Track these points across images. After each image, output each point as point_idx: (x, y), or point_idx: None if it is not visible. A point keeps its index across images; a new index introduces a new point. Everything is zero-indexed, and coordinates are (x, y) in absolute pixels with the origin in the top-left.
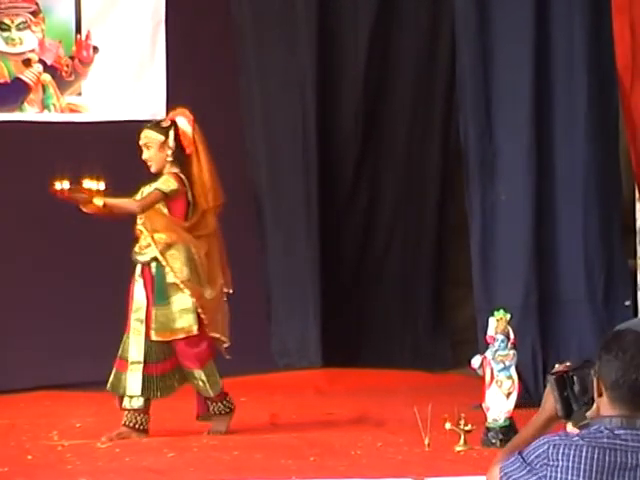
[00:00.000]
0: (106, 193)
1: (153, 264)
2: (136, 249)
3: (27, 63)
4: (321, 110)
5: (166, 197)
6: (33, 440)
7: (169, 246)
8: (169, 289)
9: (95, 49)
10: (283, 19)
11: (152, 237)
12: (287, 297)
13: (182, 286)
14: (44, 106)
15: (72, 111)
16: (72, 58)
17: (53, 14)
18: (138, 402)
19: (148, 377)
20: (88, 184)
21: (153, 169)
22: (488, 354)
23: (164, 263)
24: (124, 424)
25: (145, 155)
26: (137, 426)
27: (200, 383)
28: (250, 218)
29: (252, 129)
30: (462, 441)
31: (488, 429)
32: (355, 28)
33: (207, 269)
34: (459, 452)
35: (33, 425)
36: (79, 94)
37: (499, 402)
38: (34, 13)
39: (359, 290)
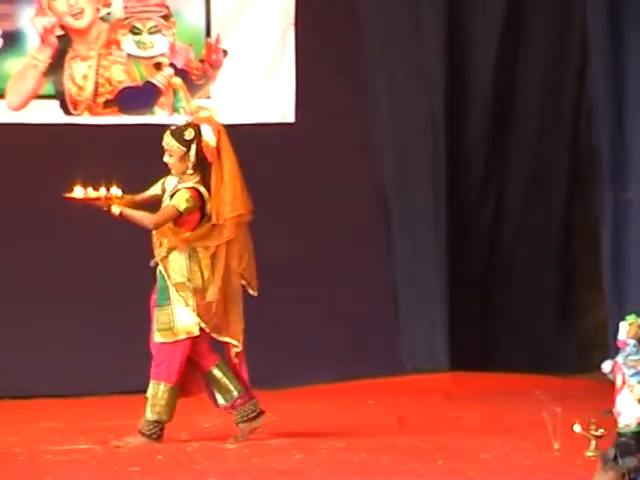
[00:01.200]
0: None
1: (159, 267)
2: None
3: (158, 67)
4: (449, 110)
5: (182, 214)
6: (164, 440)
7: (171, 250)
8: (169, 291)
9: (225, 52)
10: (411, 18)
11: (159, 241)
12: (414, 299)
13: (178, 289)
14: (174, 109)
15: None
16: (202, 61)
17: (184, 18)
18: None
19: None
20: (104, 192)
21: (174, 174)
22: (619, 359)
23: (162, 269)
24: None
25: (166, 159)
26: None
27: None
28: (378, 219)
29: (380, 129)
30: (593, 446)
31: (620, 435)
32: (484, 27)
33: (212, 274)
34: (590, 457)
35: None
36: (208, 97)
37: (631, 407)
38: (165, 17)
39: (486, 292)
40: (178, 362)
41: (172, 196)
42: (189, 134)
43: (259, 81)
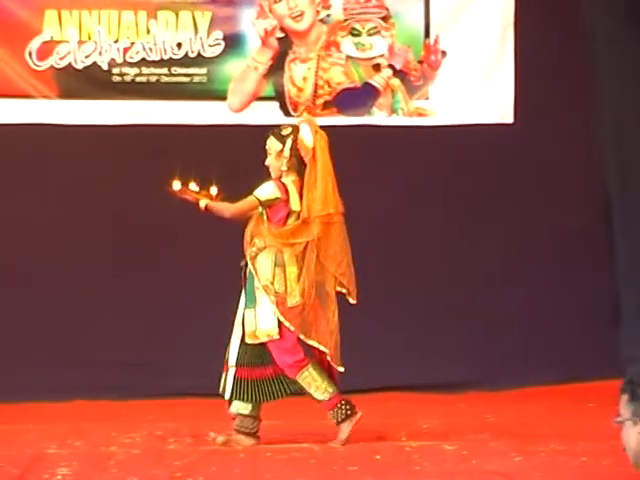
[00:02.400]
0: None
1: (249, 267)
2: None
3: (377, 68)
4: None
5: (262, 204)
6: (381, 440)
7: (260, 250)
8: (256, 292)
9: (443, 53)
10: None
11: (250, 241)
12: (635, 303)
13: (265, 290)
14: (392, 110)
15: (419, 115)
16: (421, 62)
17: (403, 19)
18: (237, 407)
19: (240, 380)
20: (193, 187)
21: (272, 175)
22: None
23: (251, 267)
24: (234, 428)
25: (267, 161)
26: (245, 430)
27: (304, 390)
28: (598, 220)
29: (603, 132)
30: None
31: None
32: None
33: (300, 276)
34: None
35: (381, 425)
36: (427, 98)
37: None
38: (385, 18)
39: None
40: (292, 345)
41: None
42: (286, 131)
43: (478, 82)
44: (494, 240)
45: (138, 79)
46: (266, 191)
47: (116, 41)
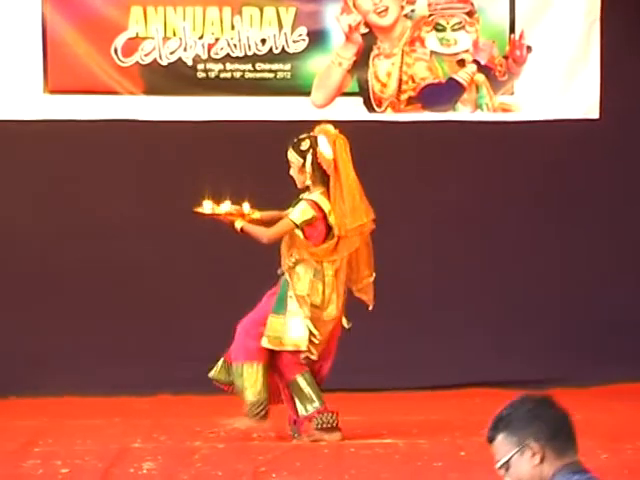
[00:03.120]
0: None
1: (285, 276)
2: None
3: (461, 63)
4: None
5: (298, 227)
6: (466, 437)
7: (297, 263)
8: (289, 301)
9: (529, 48)
10: None
11: (287, 252)
12: None
13: (299, 301)
14: (477, 106)
15: (504, 111)
16: (506, 58)
17: (487, 14)
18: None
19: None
20: (226, 206)
21: (298, 186)
22: None
23: (288, 278)
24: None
25: (291, 172)
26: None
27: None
28: None
29: None
30: None
31: None
32: None
33: (333, 291)
34: None
35: (465, 421)
36: (512, 93)
37: None
38: (469, 13)
39: None
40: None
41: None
42: (305, 145)
43: (563, 77)
44: (580, 237)
45: (222, 75)
46: (301, 213)
47: (201, 37)
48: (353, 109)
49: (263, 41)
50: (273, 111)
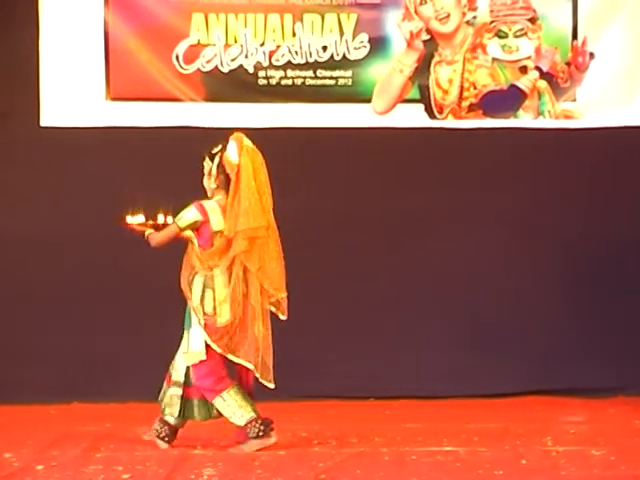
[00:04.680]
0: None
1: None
2: None
3: (523, 70)
4: None
5: (182, 230)
6: (527, 445)
7: (195, 274)
8: (191, 314)
9: (591, 55)
10: None
11: (186, 265)
12: None
13: (195, 311)
14: (539, 113)
15: (566, 117)
16: (568, 64)
17: (550, 20)
18: (171, 419)
19: (185, 400)
20: (140, 219)
21: (208, 195)
22: None
23: (186, 290)
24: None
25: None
26: (161, 436)
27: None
28: None
29: None
30: None
31: None
32: None
33: (227, 297)
34: None
35: (526, 430)
36: (574, 100)
37: None
38: (532, 20)
39: None
40: (219, 368)
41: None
42: (216, 149)
43: (626, 84)
44: None
45: (283, 82)
46: (185, 216)
47: (262, 44)
48: (414, 116)
49: (324, 48)
50: (334, 118)
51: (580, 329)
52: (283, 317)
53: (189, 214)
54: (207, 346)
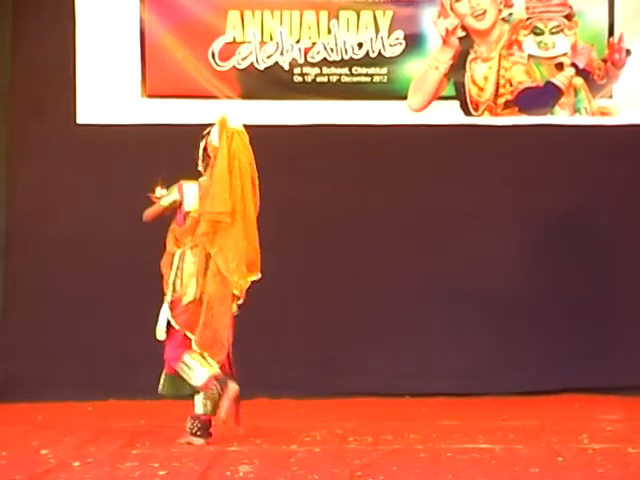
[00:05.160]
0: None
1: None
2: None
3: (559, 67)
4: None
5: (166, 209)
6: (563, 442)
7: (173, 253)
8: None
9: (628, 52)
10: None
11: (170, 245)
12: None
13: (165, 287)
14: (575, 110)
15: (603, 114)
16: (604, 61)
17: (586, 17)
18: None
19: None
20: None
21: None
22: None
23: (163, 268)
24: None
25: None
26: (193, 431)
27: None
28: None
29: None
30: None
31: None
32: None
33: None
34: None
35: (562, 427)
36: (610, 97)
37: None
38: (568, 17)
39: None
40: (178, 344)
41: None
42: (205, 131)
43: None
44: None
45: (319, 79)
46: (167, 196)
47: (297, 41)
48: (450, 113)
49: (360, 45)
50: (369, 115)
51: (617, 327)
52: (235, 310)
53: (170, 194)
54: (168, 324)
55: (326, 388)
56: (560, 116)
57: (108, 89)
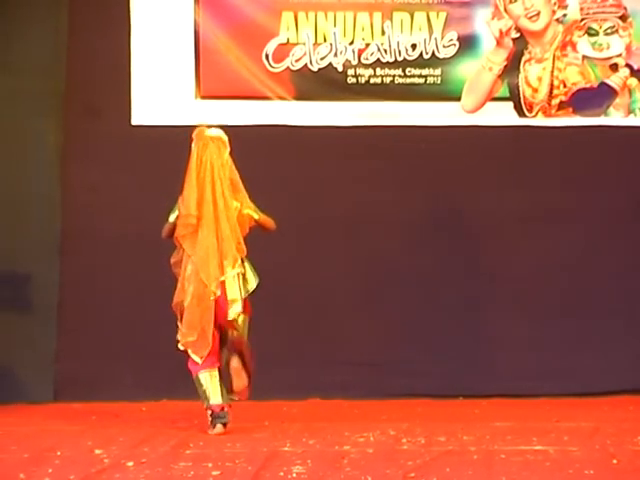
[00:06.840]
0: None
1: None
2: None
3: (614, 68)
4: None
5: (175, 224)
6: (618, 444)
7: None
8: None
9: None
10: None
11: None
12: None
13: None
14: (630, 111)
15: None
16: None
17: None
18: None
19: None
20: None
21: None
22: None
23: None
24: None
25: None
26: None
27: None
28: None
29: None
30: None
31: None
32: None
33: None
34: None
35: (618, 429)
36: None
37: None
38: (622, 17)
39: None
40: None
41: None
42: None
43: None
44: None
45: (372, 80)
46: (173, 212)
47: (351, 42)
48: (503, 114)
49: (413, 46)
50: (423, 116)
51: None
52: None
53: (174, 210)
54: None
55: (380, 389)
56: (614, 117)
57: (163, 90)
